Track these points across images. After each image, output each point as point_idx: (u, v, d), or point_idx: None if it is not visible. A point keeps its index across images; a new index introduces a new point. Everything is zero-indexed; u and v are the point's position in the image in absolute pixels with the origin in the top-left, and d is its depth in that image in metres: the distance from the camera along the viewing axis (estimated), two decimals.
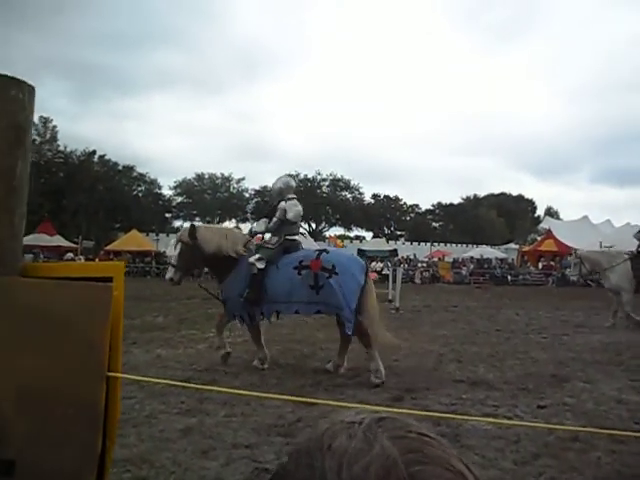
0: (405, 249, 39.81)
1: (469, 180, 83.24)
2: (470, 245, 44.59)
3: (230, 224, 46.62)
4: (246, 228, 8.38)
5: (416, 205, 60.49)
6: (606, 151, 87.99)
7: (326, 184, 56.21)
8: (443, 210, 60.26)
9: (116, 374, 0.98)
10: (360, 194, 57.43)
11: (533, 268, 31.96)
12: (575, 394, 5.09)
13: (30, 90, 1.08)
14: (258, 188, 51.75)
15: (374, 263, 32.22)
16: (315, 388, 5.18)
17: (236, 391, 2.88)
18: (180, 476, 3.11)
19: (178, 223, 49.88)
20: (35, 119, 1.15)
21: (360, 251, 36.16)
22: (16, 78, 1.05)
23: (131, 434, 3.66)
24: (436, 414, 3.76)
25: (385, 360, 6.39)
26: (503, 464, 3.33)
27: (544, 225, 36.66)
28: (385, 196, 58.87)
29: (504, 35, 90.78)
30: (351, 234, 56.07)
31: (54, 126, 46.01)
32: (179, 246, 6.23)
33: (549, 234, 31.11)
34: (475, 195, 62.99)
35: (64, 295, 0.99)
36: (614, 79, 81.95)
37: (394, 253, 35.40)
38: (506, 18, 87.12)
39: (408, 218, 59.90)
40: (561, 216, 55.11)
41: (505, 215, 58.19)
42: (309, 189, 54.04)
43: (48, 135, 45.36)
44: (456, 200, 61.74)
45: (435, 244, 43.12)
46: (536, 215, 61.80)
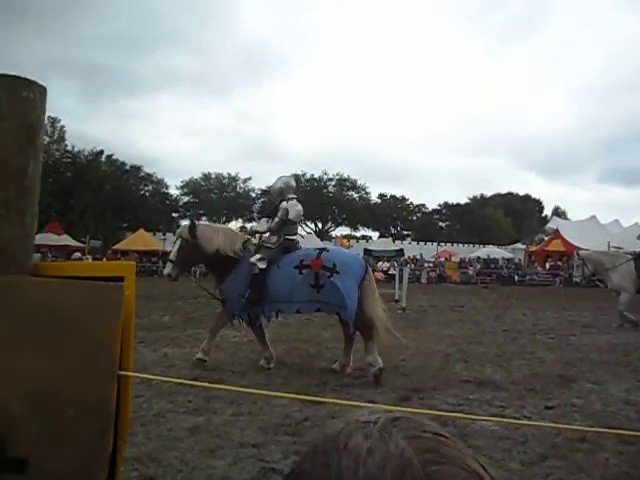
0: (411, 249, 39.69)
1: (476, 180, 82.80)
2: (477, 245, 44.41)
3: (236, 224, 46.73)
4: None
5: (423, 205, 60.37)
6: (614, 150, 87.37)
7: (332, 184, 56.16)
8: (450, 210, 60.05)
9: (127, 373, 0.98)
10: (366, 194, 57.37)
11: (540, 268, 31.82)
12: (583, 395, 5.07)
13: (41, 91, 1.08)
14: (265, 188, 51.57)
15: (380, 263, 32.19)
16: (322, 388, 5.19)
17: (244, 389, 2.89)
18: (187, 475, 3.12)
19: (185, 223, 49.95)
20: None
21: (366, 251, 36.15)
22: (27, 79, 1.06)
23: (139, 433, 3.67)
24: (443, 413, 3.74)
25: (392, 360, 6.40)
26: (510, 465, 3.32)
27: (552, 225, 36.53)
28: (392, 196, 58.77)
29: (510, 35, 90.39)
30: (357, 234, 56.02)
31: (62, 126, 46.24)
32: (178, 242, 6.27)
33: (557, 234, 30.99)
34: (482, 195, 62.70)
35: (75, 294, 1.00)
36: (621, 78, 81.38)
37: (400, 253, 35.36)
38: (513, 18, 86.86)
39: (415, 218, 59.74)
40: (568, 216, 54.84)
41: (512, 215, 57.89)
42: (315, 189, 54.03)
43: (56, 135, 45.55)
44: (463, 200, 61.54)
45: (442, 244, 43.00)
46: (543, 215, 61.50)
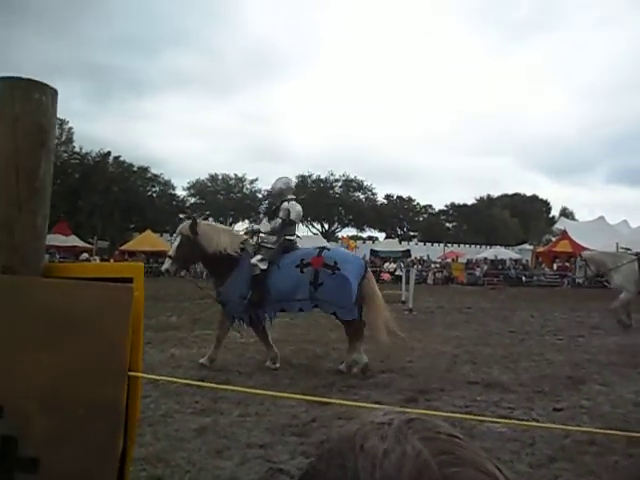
0: (418, 250, 39.63)
1: (483, 180, 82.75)
2: (484, 246, 44.24)
3: (243, 225, 46.80)
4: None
5: (429, 205, 60.28)
6: (621, 151, 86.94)
7: (339, 185, 56.18)
8: (456, 210, 59.90)
9: (136, 373, 0.99)
10: (373, 195, 57.37)
11: (548, 269, 31.67)
12: (591, 397, 5.03)
13: (53, 93, 1.09)
14: (271, 189, 51.73)
15: (387, 264, 32.16)
16: (328, 388, 5.18)
17: (251, 390, 2.90)
18: (195, 475, 3.13)
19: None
20: None
21: (373, 252, 36.20)
22: (39, 81, 1.06)
23: (147, 433, 3.69)
24: (450, 415, 3.73)
25: (399, 361, 6.40)
26: (518, 467, 3.30)
27: (559, 226, 36.30)
28: (398, 196, 58.72)
29: (517, 34, 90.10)
30: (364, 235, 56.04)
31: (70, 127, 46.55)
32: (179, 238, 6.30)
33: (564, 235, 30.78)
34: (489, 195, 62.48)
35: (86, 296, 1.01)
36: (628, 77, 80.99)
37: (407, 254, 35.35)
38: (520, 17, 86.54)
39: (421, 219, 59.65)
40: (576, 217, 54.53)
41: (519, 216, 57.65)
42: (322, 190, 54.07)
43: (64, 137, 45.80)
44: (470, 200, 61.37)
45: (448, 245, 42.84)
46: (550, 216, 61.23)
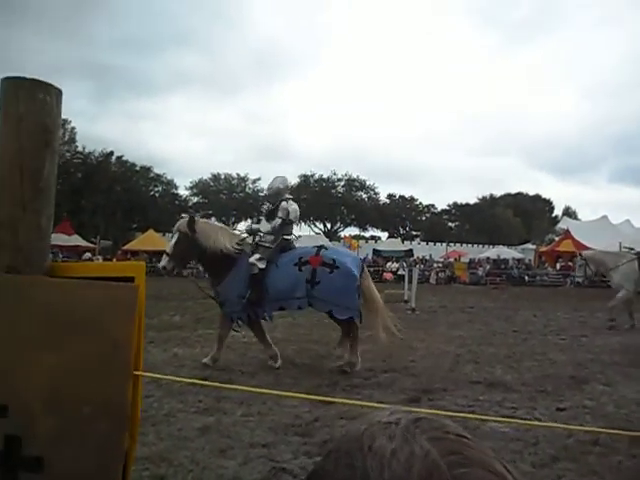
0: (421, 249, 39.57)
1: (485, 180, 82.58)
2: (486, 245, 44.17)
3: (246, 224, 46.84)
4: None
5: (432, 205, 60.24)
6: (625, 150, 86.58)
7: (341, 184, 56.14)
8: (459, 210, 59.82)
9: (142, 373, 0.99)
10: (375, 194, 57.33)
11: (551, 269, 31.59)
12: (595, 397, 5.02)
13: (57, 93, 1.09)
14: (268, 188, 51.64)
15: (389, 263, 32.14)
16: (332, 388, 5.18)
17: (255, 389, 2.90)
18: (198, 475, 3.13)
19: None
20: None
21: (375, 251, 36.19)
22: (44, 81, 1.06)
23: (150, 432, 3.69)
24: (453, 414, 3.73)
25: (401, 361, 6.39)
26: (521, 467, 3.29)
27: (562, 225, 36.19)
28: (400, 196, 58.67)
29: (521, 33, 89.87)
30: (366, 234, 55.99)
31: (72, 127, 46.66)
32: (176, 235, 6.24)
33: (567, 234, 30.69)
34: (491, 195, 62.40)
35: (90, 295, 1.01)
36: (632, 76, 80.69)
37: (410, 253, 35.32)
38: (524, 16, 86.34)
39: (424, 218, 59.59)
40: (579, 216, 54.38)
41: (522, 215, 57.53)
42: (324, 189, 54.07)
43: (67, 136, 45.89)
44: (472, 200, 61.30)
45: (451, 244, 42.79)
46: (553, 215, 61.10)
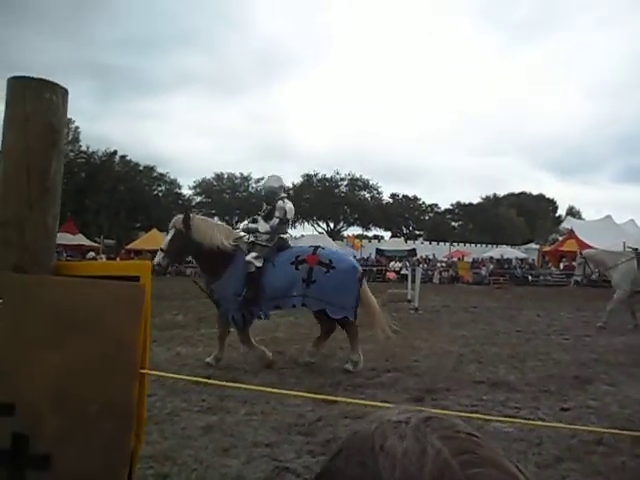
0: (424, 249, 39.51)
1: (489, 179, 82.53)
2: (490, 245, 44.08)
3: (243, 223, 46.89)
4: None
5: (435, 204, 60.19)
6: (629, 149, 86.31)
7: (344, 184, 56.13)
8: (462, 209, 59.74)
9: (148, 371, 0.99)
10: (378, 193, 57.30)
11: (554, 268, 31.53)
12: (599, 397, 5.01)
13: (63, 92, 1.09)
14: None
15: (393, 263, 32.11)
16: (334, 388, 5.18)
17: (258, 388, 2.90)
18: (202, 473, 3.13)
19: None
20: None
21: (379, 251, 36.16)
22: (50, 81, 1.07)
23: (154, 431, 3.70)
24: (457, 414, 3.72)
25: (405, 361, 6.39)
26: (525, 467, 3.28)
27: (566, 225, 36.06)
28: (404, 195, 58.66)
29: (523, 33, 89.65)
30: (369, 234, 55.97)
31: (76, 127, 46.77)
32: (172, 232, 6.21)
33: (571, 234, 30.59)
34: (495, 194, 62.28)
35: (98, 294, 1.01)
36: (636, 75, 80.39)
37: (413, 253, 35.27)
38: (526, 16, 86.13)
39: (427, 218, 59.55)
40: (583, 216, 54.21)
41: (525, 215, 57.40)
42: (327, 189, 54.08)
43: (70, 136, 46.00)
44: (475, 199, 61.23)
45: (454, 244, 42.67)
46: (557, 215, 60.96)
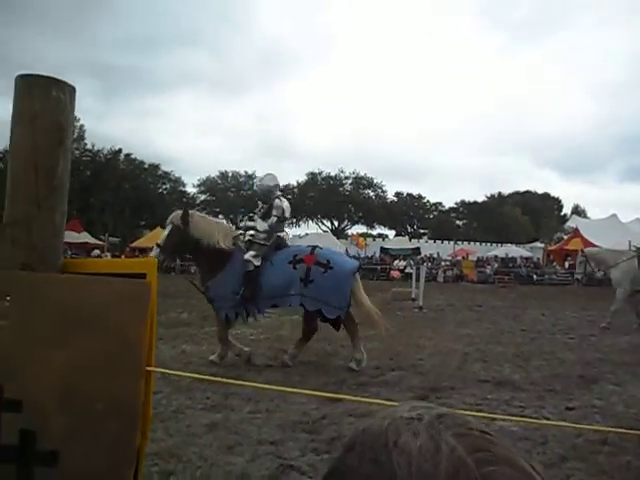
0: (428, 247, 39.40)
1: (493, 178, 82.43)
2: (494, 244, 43.93)
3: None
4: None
5: (439, 203, 60.08)
6: (634, 148, 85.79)
7: (349, 182, 56.12)
8: (467, 208, 59.58)
9: (154, 369, 1.00)
10: (383, 192, 57.28)
11: (559, 267, 31.43)
12: (604, 396, 4.99)
13: (71, 90, 1.09)
14: (281, 186, 51.63)
15: (397, 261, 32.10)
16: (339, 386, 5.18)
17: (262, 386, 2.91)
18: (206, 471, 3.14)
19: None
20: None
21: (383, 249, 36.14)
22: (57, 79, 1.07)
23: (159, 429, 3.71)
24: (462, 413, 3.72)
25: (409, 359, 6.38)
26: None
27: (571, 224, 35.94)
28: (408, 194, 58.57)
29: (527, 32, 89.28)
30: (374, 232, 55.91)
31: (82, 125, 46.90)
32: (169, 228, 6.16)
33: (576, 233, 30.49)
34: (500, 193, 62.01)
35: (105, 292, 1.01)
36: (636, 75, 79.94)
37: (417, 251, 35.22)
38: (531, 15, 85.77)
39: (431, 216, 59.43)
40: (588, 215, 53.96)
41: (530, 213, 57.17)
42: (332, 187, 54.08)
43: (75, 134, 46.14)
44: (480, 198, 60.95)
45: (459, 242, 42.56)
46: (562, 214, 60.71)
